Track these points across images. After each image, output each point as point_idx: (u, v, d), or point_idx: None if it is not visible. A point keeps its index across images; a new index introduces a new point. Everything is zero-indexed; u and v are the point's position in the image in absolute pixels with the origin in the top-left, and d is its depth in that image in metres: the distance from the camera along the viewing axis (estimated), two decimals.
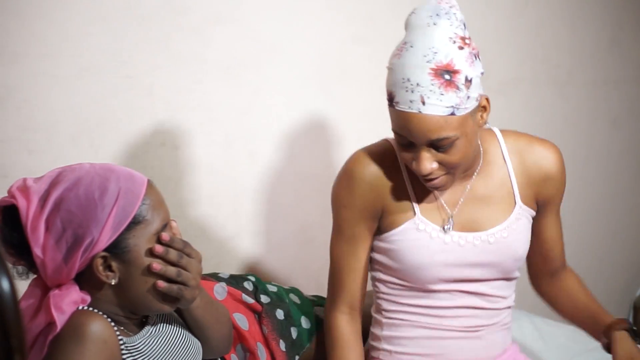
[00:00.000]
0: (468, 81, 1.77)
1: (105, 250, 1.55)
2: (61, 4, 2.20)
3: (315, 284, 2.67)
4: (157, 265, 1.58)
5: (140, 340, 1.65)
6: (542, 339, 2.56)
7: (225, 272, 2.33)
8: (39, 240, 1.53)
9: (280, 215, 2.72)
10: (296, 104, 2.69)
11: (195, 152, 2.50)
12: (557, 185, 2.04)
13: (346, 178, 1.99)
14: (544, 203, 2.04)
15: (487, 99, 1.87)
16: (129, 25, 2.32)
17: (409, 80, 1.76)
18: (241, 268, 2.63)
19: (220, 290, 2.19)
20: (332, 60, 2.75)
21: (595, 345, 2.15)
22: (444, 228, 1.96)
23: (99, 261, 1.56)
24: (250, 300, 2.23)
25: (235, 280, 2.27)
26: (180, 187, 2.49)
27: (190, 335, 1.79)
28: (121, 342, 1.60)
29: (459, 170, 1.89)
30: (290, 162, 2.70)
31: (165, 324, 1.75)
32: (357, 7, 2.79)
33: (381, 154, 1.98)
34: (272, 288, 2.33)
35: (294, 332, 2.27)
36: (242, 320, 2.18)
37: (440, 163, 1.83)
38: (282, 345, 2.22)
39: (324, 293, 2.20)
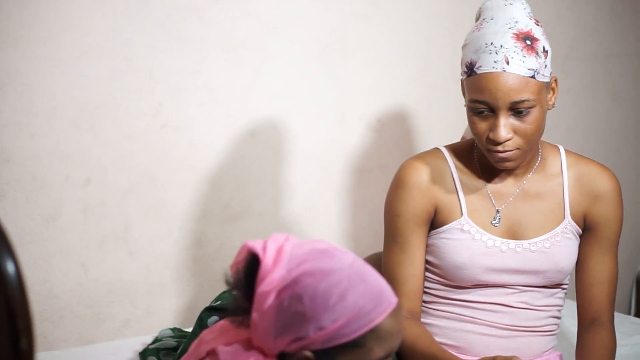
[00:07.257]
0: (545, 51, 1.87)
1: (314, 351, 1.43)
2: None
3: None
4: None
5: None
6: None
7: None
8: (262, 305, 1.43)
9: (284, 194, 2.72)
10: (297, 83, 2.69)
11: (196, 132, 2.50)
12: (607, 209, 2.04)
13: (398, 187, 2.02)
14: (591, 226, 2.04)
15: (555, 81, 1.94)
16: (129, 7, 2.31)
17: (492, 44, 1.85)
18: None
19: None
20: (332, 38, 2.74)
21: None
22: (492, 223, 1.99)
23: (302, 357, 1.44)
24: None
25: None
26: (182, 169, 2.49)
27: None
28: None
29: (530, 147, 1.90)
30: (292, 141, 2.70)
31: None
32: None
33: (432, 159, 2.03)
34: None
35: None
36: None
37: (515, 133, 1.86)
38: None
39: None
